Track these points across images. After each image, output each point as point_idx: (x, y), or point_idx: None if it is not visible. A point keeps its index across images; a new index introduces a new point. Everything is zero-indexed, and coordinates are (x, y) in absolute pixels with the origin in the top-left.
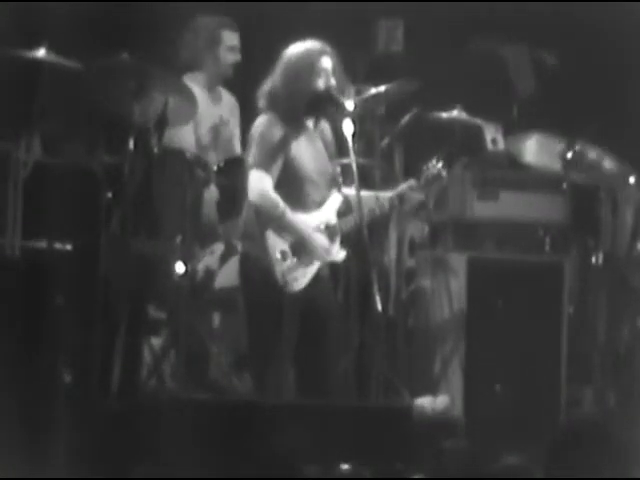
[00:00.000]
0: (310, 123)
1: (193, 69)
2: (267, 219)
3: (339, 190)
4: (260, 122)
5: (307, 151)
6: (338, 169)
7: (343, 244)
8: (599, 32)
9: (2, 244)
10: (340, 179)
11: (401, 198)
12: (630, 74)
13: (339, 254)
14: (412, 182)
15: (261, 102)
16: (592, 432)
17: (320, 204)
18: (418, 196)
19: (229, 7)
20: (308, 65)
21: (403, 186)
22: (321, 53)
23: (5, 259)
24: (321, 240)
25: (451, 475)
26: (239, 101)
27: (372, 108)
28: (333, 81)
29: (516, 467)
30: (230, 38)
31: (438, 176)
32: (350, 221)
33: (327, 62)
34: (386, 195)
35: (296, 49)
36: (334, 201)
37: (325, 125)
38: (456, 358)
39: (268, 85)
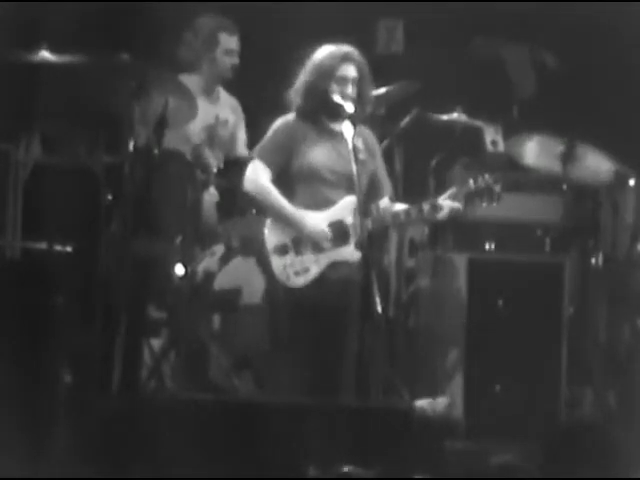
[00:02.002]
0: (336, 126)
1: (191, 70)
2: (260, 208)
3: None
4: (279, 119)
5: (325, 152)
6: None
7: (357, 246)
8: (599, 33)
9: (2, 245)
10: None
11: (434, 207)
12: (630, 75)
13: (353, 254)
14: (454, 190)
15: (288, 101)
16: (592, 432)
17: (334, 204)
18: (454, 205)
19: (229, 7)
20: (327, 70)
21: (444, 196)
22: (343, 59)
23: (5, 260)
24: (315, 222)
25: (451, 475)
26: (244, 102)
27: (372, 109)
28: (350, 90)
29: (509, 466)
30: (228, 41)
31: (490, 189)
32: (363, 224)
33: (350, 70)
34: (391, 207)
35: (321, 53)
36: (348, 203)
37: (365, 131)
38: (456, 359)
39: (293, 85)
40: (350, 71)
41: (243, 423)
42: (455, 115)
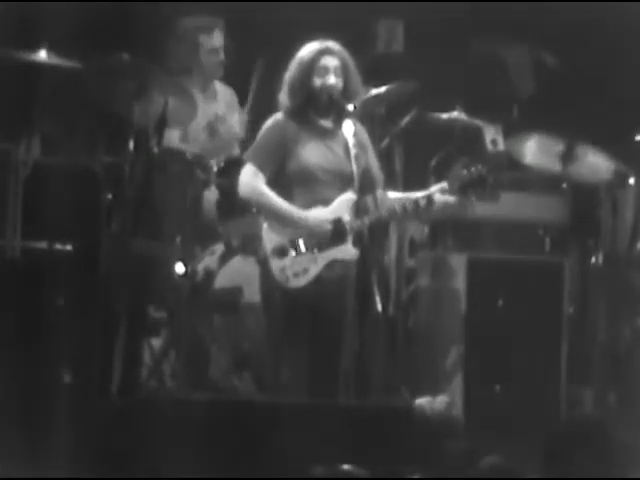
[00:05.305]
0: (327, 123)
1: (183, 73)
2: (258, 212)
3: (354, 190)
4: (270, 119)
5: (317, 150)
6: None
7: (355, 243)
8: (599, 32)
9: (2, 245)
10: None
11: (429, 200)
12: (630, 74)
13: (351, 252)
14: (444, 185)
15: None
16: (592, 432)
17: (331, 203)
18: (449, 198)
19: (229, 7)
20: (307, 64)
21: (434, 188)
22: (323, 52)
23: (5, 260)
24: (316, 217)
25: (451, 475)
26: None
27: (372, 109)
28: (332, 80)
29: (498, 466)
30: (208, 41)
31: (483, 180)
32: (359, 221)
33: (329, 61)
34: (397, 196)
35: (302, 49)
36: (345, 200)
37: (356, 125)
38: (456, 358)
39: (280, 85)
40: (330, 62)
41: (243, 423)
42: (455, 114)
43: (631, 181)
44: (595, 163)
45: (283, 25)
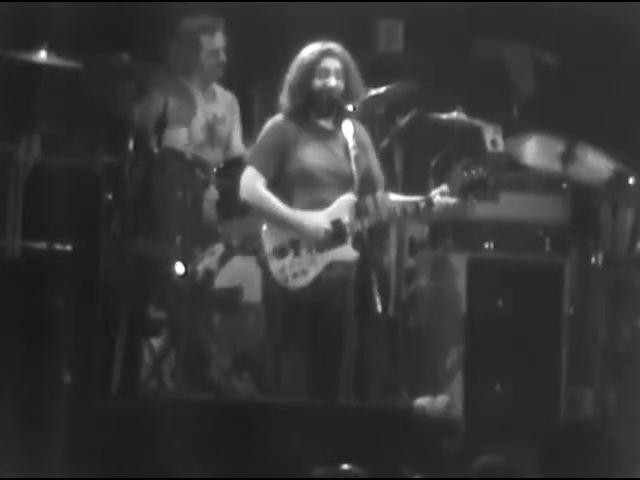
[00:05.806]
0: (327, 124)
1: (183, 73)
2: (258, 215)
3: (354, 192)
4: (270, 121)
5: (318, 151)
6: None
7: (355, 245)
8: (599, 32)
9: (2, 245)
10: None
11: (429, 202)
12: (630, 74)
13: (351, 254)
14: (444, 187)
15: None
16: (592, 432)
17: (331, 205)
18: (449, 200)
19: (232, 7)
20: (308, 66)
21: (434, 192)
22: (324, 54)
23: (5, 260)
24: (314, 221)
25: (451, 475)
26: (241, 98)
27: (372, 109)
28: (333, 82)
29: (496, 466)
30: (210, 42)
31: (483, 182)
32: (358, 223)
33: (331, 63)
34: (397, 199)
35: (303, 51)
36: (344, 201)
37: (356, 126)
38: (456, 358)
39: (280, 87)
40: (332, 63)
41: (243, 423)
42: (455, 115)
43: (631, 181)
44: (595, 163)
45: (283, 25)
